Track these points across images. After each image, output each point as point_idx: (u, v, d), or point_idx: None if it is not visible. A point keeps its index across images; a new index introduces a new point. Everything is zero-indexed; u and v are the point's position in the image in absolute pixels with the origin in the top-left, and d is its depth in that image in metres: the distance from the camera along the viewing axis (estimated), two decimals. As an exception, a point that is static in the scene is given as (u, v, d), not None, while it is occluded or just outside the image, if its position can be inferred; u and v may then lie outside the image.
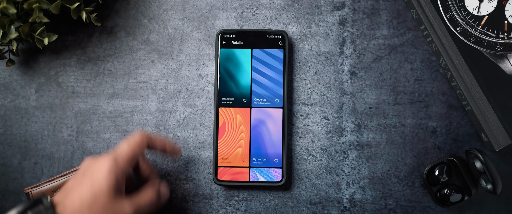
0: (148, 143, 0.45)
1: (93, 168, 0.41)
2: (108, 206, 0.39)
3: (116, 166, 0.41)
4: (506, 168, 0.53)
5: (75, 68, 0.55)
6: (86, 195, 0.39)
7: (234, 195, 0.53)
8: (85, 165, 0.43)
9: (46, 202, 0.39)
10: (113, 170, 0.41)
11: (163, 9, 0.55)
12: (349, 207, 0.53)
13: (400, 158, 0.53)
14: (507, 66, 0.51)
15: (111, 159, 0.41)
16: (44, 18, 0.49)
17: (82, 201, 0.39)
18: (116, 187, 0.40)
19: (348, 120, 0.54)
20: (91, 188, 0.40)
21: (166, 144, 0.47)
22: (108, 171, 0.40)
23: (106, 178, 0.40)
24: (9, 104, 0.55)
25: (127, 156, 0.43)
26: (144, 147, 0.45)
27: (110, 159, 0.41)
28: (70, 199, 0.39)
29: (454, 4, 0.52)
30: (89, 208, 0.39)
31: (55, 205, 0.40)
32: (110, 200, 0.39)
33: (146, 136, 0.45)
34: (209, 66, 0.55)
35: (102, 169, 0.40)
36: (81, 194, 0.39)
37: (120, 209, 0.40)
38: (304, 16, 0.55)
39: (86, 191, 0.39)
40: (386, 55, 0.54)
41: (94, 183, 0.40)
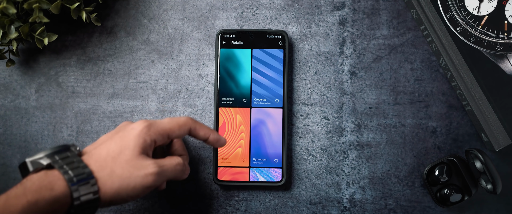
0: (191, 129, 0.46)
1: (126, 128, 0.43)
2: (131, 161, 0.41)
3: (147, 131, 0.42)
4: (506, 168, 0.53)
5: (75, 68, 0.55)
6: (113, 149, 0.41)
7: (234, 195, 0.53)
8: (121, 125, 0.45)
9: (74, 149, 0.41)
10: (144, 133, 0.42)
11: (163, 9, 0.55)
12: (349, 207, 0.53)
13: (400, 158, 0.53)
14: (507, 66, 0.51)
15: (145, 124, 0.43)
16: (44, 18, 0.49)
17: (108, 153, 0.41)
18: (142, 148, 0.42)
19: (348, 120, 0.54)
20: (120, 142, 0.41)
21: (210, 136, 0.47)
22: (138, 132, 0.42)
23: (135, 138, 0.42)
24: (9, 104, 0.55)
25: (162, 129, 0.43)
26: (185, 130, 0.45)
27: (144, 124, 0.43)
28: (98, 150, 0.41)
29: (454, 4, 0.52)
30: (113, 159, 0.40)
31: (82, 153, 0.42)
32: (134, 156, 0.41)
33: (192, 122, 0.46)
34: (209, 66, 0.55)
35: (134, 130, 0.42)
36: (108, 147, 0.41)
37: (143, 165, 0.41)
38: (304, 16, 0.55)
39: (114, 145, 0.41)
40: (386, 55, 0.54)
41: (123, 140, 0.42)
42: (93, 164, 0.40)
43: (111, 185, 0.40)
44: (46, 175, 0.38)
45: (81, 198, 0.38)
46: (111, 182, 0.40)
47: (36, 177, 0.38)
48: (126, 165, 0.40)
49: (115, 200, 0.40)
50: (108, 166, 0.40)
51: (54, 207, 0.37)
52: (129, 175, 0.40)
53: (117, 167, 0.40)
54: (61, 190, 0.37)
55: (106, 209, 0.53)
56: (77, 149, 0.42)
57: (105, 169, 0.40)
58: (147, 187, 0.41)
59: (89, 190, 0.38)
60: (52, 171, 0.38)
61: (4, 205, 0.35)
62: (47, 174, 0.38)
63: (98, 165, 0.40)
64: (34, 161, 0.39)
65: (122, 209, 0.53)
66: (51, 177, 0.38)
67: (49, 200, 0.37)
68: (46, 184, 0.37)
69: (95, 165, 0.40)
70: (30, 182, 0.37)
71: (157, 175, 0.41)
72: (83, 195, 0.38)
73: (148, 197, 0.53)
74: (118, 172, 0.40)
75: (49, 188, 0.37)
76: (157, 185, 0.42)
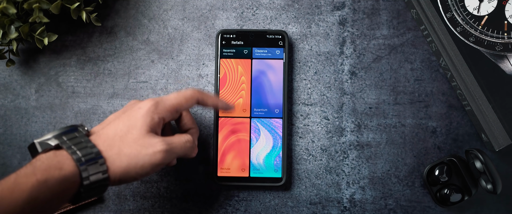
0: (198, 100, 0.46)
1: (134, 107, 0.43)
2: (139, 140, 0.41)
3: (155, 109, 0.42)
4: (506, 168, 0.53)
5: (75, 68, 0.55)
6: (121, 128, 0.41)
7: (234, 195, 0.53)
8: (128, 104, 0.45)
9: (81, 129, 0.41)
10: (151, 111, 0.42)
11: (163, 9, 0.55)
12: (349, 207, 0.53)
13: (400, 158, 0.53)
14: (507, 66, 0.51)
15: (152, 102, 0.43)
16: (44, 18, 0.49)
17: (116, 132, 0.41)
18: (150, 126, 0.42)
19: (348, 120, 0.54)
20: (127, 122, 0.41)
21: (219, 103, 0.48)
22: (146, 111, 0.42)
23: (143, 117, 0.42)
24: (9, 104, 0.55)
25: (169, 105, 0.44)
26: (192, 102, 0.45)
27: (151, 102, 0.43)
28: (105, 130, 0.41)
29: (454, 4, 0.52)
30: (121, 138, 0.41)
31: (90, 133, 0.42)
32: (141, 135, 0.41)
33: (198, 93, 0.46)
34: (209, 66, 0.55)
35: (142, 109, 0.42)
36: (116, 126, 0.41)
37: (151, 143, 0.41)
38: (304, 16, 0.55)
39: (121, 125, 0.41)
40: (386, 55, 0.54)
41: (130, 119, 0.42)
42: (101, 143, 0.40)
43: (120, 164, 0.40)
44: (55, 155, 0.38)
45: (90, 178, 0.38)
46: (120, 161, 0.40)
47: (45, 157, 0.38)
48: (134, 144, 0.40)
49: (124, 178, 0.41)
50: (116, 145, 0.40)
51: (64, 187, 0.37)
52: (137, 154, 0.40)
53: (125, 146, 0.40)
54: (70, 169, 0.38)
55: (107, 210, 0.53)
56: (85, 129, 0.42)
57: (113, 148, 0.40)
58: (156, 165, 0.41)
59: (98, 169, 0.39)
60: (60, 151, 0.39)
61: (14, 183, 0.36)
62: (55, 154, 0.38)
63: (106, 144, 0.40)
64: (43, 142, 0.40)
65: (122, 209, 0.53)
66: (60, 157, 0.38)
67: (59, 179, 0.37)
68: (55, 164, 0.37)
69: (103, 145, 0.40)
70: (39, 162, 0.37)
71: (166, 152, 0.41)
72: (92, 174, 0.38)
73: (148, 197, 0.53)
74: (126, 151, 0.40)
75: (58, 167, 0.37)
76: (166, 163, 0.43)
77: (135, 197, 0.53)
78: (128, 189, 0.54)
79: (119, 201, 0.53)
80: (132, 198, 0.53)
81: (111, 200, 0.54)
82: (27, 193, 0.35)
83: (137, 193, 0.53)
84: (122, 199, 0.53)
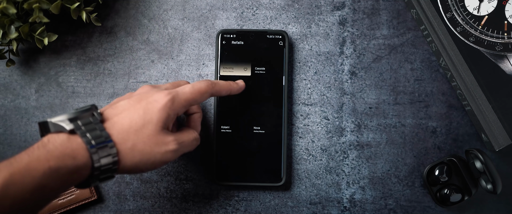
0: (212, 93, 0.46)
1: (150, 98, 0.42)
2: (153, 137, 0.41)
3: (171, 105, 0.42)
4: (506, 168, 0.53)
5: (75, 68, 0.55)
6: (136, 120, 0.41)
7: (234, 195, 0.53)
8: (143, 91, 0.44)
9: (97, 114, 0.41)
10: (168, 107, 0.42)
11: (163, 9, 0.55)
12: (349, 207, 0.53)
13: (400, 158, 0.53)
14: (507, 66, 0.51)
15: (169, 98, 0.42)
16: (44, 18, 0.49)
17: (131, 125, 0.40)
18: (165, 122, 0.42)
19: (348, 120, 0.54)
20: (143, 115, 0.41)
21: (232, 89, 0.48)
22: (162, 106, 0.41)
23: (159, 112, 0.41)
24: (9, 104, 0.55)
25: (185, 101, 0.43)
26: (206, 96, 0.45)
27: (168, 97, 0.42)
28: (120, 119, 0.41)
29: (454, 4, 0.52)
30: (135, 132, 0.40)
31: (104, 119, 0.41)
32: (156, 132, 0.41)
33: (211, 86, 0.46)
34: (209, 66, 0.55)
35: (158, 103, 0.42)
36: (132, 118, 0.41)
37: (164, 142, 0.41)
38: (304, 16, 0.55)
39: (137, 117, 0.41)
40: (386, 55, 0.54)
41: (146, 112, 0.41)
42: (115, 135, 0.40)
43: (132, 159, 0.40)
44: (69, 141, 0.38)
45: (101, 168, 0.38)
46: (132, 156, 0.40)
47: (59, 141, 0.37)
48: (148, 141, 0.40)
49: (132, 170, 0.41)
50: (131, 139, 0.40)
51: (74, 176, 0.37)
52: (150, 151, 0.41)
53: (139, 141, 0.40)
54: (84, 160, 0.37)
55: (107, 210, 0.53)
56: (98, 112, 0.41)
57: (127, 142, 0.40)
58: (165, 162, 0.42)
59: (109, 160, 0.39)
60: (75, 137, 0.38)
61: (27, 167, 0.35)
62: (70, 140, 0.38)
63: (121, 137, 0.40)
64: (57, 124, 0.39)
65: (122, 209, 0.53)
66: (75, 145, 0.37)
67: (71, 168, 0.37)
68: (69, 152, 0.37)
69: (118, 137, 0.40)
70: (53, 146, 0.37)
71: (176, 151, 0.42)
72: (103, 165, 0.38)
73: (148, 197, 0.53)
74: (139, 147, 0.40)
75: (72, 156, 0.37)
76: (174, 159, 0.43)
77: (135, 197, 0.53)
78: (128, 189, 0.54)
79: (119, 201, 0.53)
80: (132, 198, 0.53)
81: (111, 200, 0.54)
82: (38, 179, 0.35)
83: (137, 193, 0.53)
84: (122, 199, 0.53)
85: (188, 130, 0.46)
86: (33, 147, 0.37)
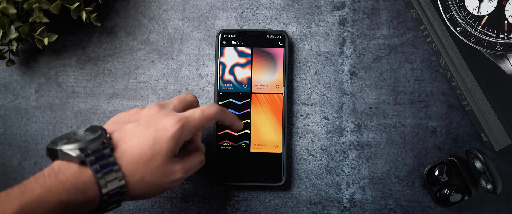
0: (218, 120, 0.46)
1: (160, 124, 0.41)
2: (162, 168, 0.40)
3: (181, 134, 0.41)
4: (506, 168, 0.53)
5: (75, 68, 0.55)
6: (146, 152, 0.40)
7: (234, 195, 0.53)
8: (152, 114, 0.42)
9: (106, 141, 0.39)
10: (177, 137, 0.41)
11: (163, 9, 0.55)
12: (349, 207, 0.53)
13: (400, 158, 0.53)
14: (507, 66, 0.51)
15: (179, 126, 0.41)
16: (44, 18, 0.49)
17: (140, 156, 0.40)
18: (173, 152, 0.41)
19: (348, 120, 0.54)
20: (153, 145, 0.40)
21: (234, 123, 0.48)
22: (172, 136, 0.41)
23: (168, 142, 0.40)
24: (9, 104, 0.55)
25: (194, 127, 0.43)
26: (213, 122, 0.45)
27: (178, 125, 0.41)
28: (129, 147, 0.40)
29: (454, 4, 0.52)
30: (144, 163, 0.40)
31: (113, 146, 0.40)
32: (165, 163, 0.41)
33: (220, 113, 0.45)
34: (209, 66, 0.55)
35: (168, 131, 0.41)
36: (141, 148, 0.40)
37: (172, 172, 0.41)
38: (304, 16, 0.55)
39: (146, 148, 0.40)
40: (386, 55, 0.54)
41: (156, 142, 0.40)
42: (125, 166, 0.39)
43: (140, 190, 0.40)
44: (80, 173, 0.37)
45: (109, 201, 0.38)
46: (140, 187, 0.40)
47: (70, 172, 0.37)
48: (156, 172, 0.40)
49: (138, 198, 0.41)
50: (140, 171, 0.40)
51: (82, 208, 0.37)
52: (158, 182, 0.41)
53: (148, 173, 0.40)
54: (94, 194, 0.37)
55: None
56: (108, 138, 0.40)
57: (136, 175, 0.39)
58: (171, 188, 0.43)
59: (117, 192, 0.38)
60: (86, 169, 0.37)
61: (39, 199, 0.35)
62: (81, 172, 0.37)
63: (130, 169, 0.39)
64: (66, 154, 0.38)
65: (122, 209, 0.53)
66: (86, 178, 0.37)
67: (80, 202, 0.37)
68: (80, 186, 0.37)
69: (127, 168, 0.39)
70: (64, 177, 0.36)
71: (182, 179, 0.43)
72: (111, 197, 0.38)
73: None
74: (148, 179, 0.40)
75: (83, 190, 0.37)
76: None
77: (135, 197, 0.53)
78: (128, 189, 0.54)
79: (119, 201, 0.53)
80: (132, 198, 0.53)
81: (111, 200, 0.54)
82: (48, 212, 0.35)
83: (137, 193, 0.54)
84: (122, 199, 0.53)
85: (194, 153, 0.45)
86: (43, 174, 0.36)
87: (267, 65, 0.53)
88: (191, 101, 0.47)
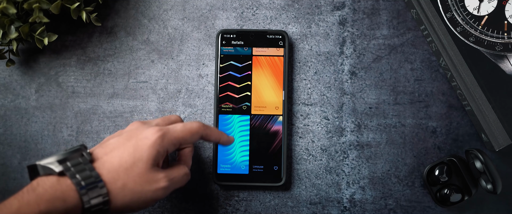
0: (202, 135, 0.46)
1: (139, 135, 0.42)
2: (144, 175, 0.40)
3: (161, 142, 0.42)
4: (506, 168, 0.53)
5: (75, 68, 0.55)
6: (126, 159, 0.40)
7: (234, 195, 0.53)
8: (133, 128, 0.44)
9: (86, 154, 0.40)
10: (157, 144, 0.41)
11: (163, 9, 0.55)
12: (349, 207, 0.53)
13: (400, 158, 0.53)
14: (507, 66, 0.51)
15: (159, 135, 0.42)
16: (44, 18, 0.49)
17: (121, 163, 0.40)
18: (155, 159, 0.41)
19: (348, 120, 0.54)
20: (133, 153, 0.41)
21: (221, 138, 0.49)
22: (152, 143, 0.41)
23: (149, 149, 0.41)
24: (9, 104, 0.55)
25: (175, 139, 0.43)
26: (196, 138, 0.45)
27: (158, 134, 0.42)
28: (110, 158, 0.40)
29: (454, 4, 0.52)
30: (125, 170, 0.40)
31: (93, 159, 0.41)
32: (146, 170, 0.41)
33: (203, 128, 0.45)
34: (209, 66, 0.55)
35: (148, 139, 0.41)
36: (121, 156, 0.40)
37: (155, 179, 0.41)
38: (304, 16, 0.55)
39: (127, 155, 0.40)
40: (386, 55, 0.54)
41: (136, 150, 0.41)
42: (105, 174, 0.39)
43: (123, 198, 0.40)
44: (58, 183, 0.37)
45: (92, 209, 0.38)
46: (123, 196, 0.40)
47: (49, 184, 0.37)
48: (138, 179, 0.40)
49: (124, 210, 0.41)
50: (121, 178, 0.40)
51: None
52: (141, 190, 0.40)
53: (129, 180, 0.40)
54: (74, 202, 0.37)
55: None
56: (88, 152, 0.41)
57: (117, 181, 0.39)
58: (156, 200, 0.42)
59: (100, 201, 0.38)
60: (64, 179, 0.38)
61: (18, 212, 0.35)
62: (59, 182, 0.37)
63: (111, 176, 0.39)
64: (46, 167, 0.39)
65: (122, 209, 0.53)
66: (64, 187, 0.37)
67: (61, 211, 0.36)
68: (59, 195, 0.37)
69: (108, 176, 0.39)
70: (42, 189, 0.37)
71: (167, 189, 0.42)
72: (94, 206, 0.38)
73: (148, 197, 0.53)
74: (130, 186, 0.40)
75: (62, 199, 0.37)
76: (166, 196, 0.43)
77: (135, 197, 0.53)
78: (128, 189, 0.54)
79: (119, 201, 0.53)
80: (132, 198, 0.53)
81: (111, 200, 0.53)
82: None
83: (137, 193, 0.53)
84: (122, 199, 0.53)
85: (179, 166, 0.45)
86: (22, 191, 0.37)
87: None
88: (174, 120, 0.47)
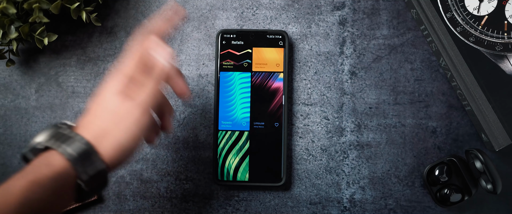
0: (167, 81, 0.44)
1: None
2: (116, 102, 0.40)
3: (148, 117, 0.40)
4: (506, 168, 0.53)
5: (75, 68, 0.55)
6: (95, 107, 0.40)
7: (234, 195, 0.53)
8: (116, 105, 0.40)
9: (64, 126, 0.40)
10: (118, 69, 0.41)
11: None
12: (349, 207, 0.53)
13: (400, 158, 0.53)
14: (507, 66, 0.51)
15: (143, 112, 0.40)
16: (44, 18, 0.49)
17: (91, 111, 0.40)
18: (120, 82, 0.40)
19: (348, 120, 0.54)
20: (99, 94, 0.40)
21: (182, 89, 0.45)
22: (114, 71, 0.41)
23: (112, 78, 0.41)
24: (9, 104, 0.55)
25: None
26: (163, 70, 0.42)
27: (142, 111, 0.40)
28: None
29: (454, 4, 0.52)
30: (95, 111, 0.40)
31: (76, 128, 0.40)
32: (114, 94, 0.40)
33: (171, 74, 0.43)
34: (209, 66, 0.55)
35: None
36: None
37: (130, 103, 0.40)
38: (304, 16, 0.55)
39: (95, 101, 0.40)
40: (386, 55, 0.54)
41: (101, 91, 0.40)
42: (80, 128, 0.39)
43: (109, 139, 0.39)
44: (43, 155, 0.38)
45: (88, 171, 0.37)
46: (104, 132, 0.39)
47: (33, 158, 0.38)
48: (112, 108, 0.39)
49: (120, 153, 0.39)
50: (96, 120, 0.39)
51: (58, 183, 0.37)
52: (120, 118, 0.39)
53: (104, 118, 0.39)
54: (60, 164, 0.37)
55: (107, 210, 0.53)
56: (68, 124, 0.40)
57: (91, 126, 0.39)
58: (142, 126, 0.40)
59: (82, 147, 0.38)
60: (49, 151, 0.38)
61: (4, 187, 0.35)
62: (45, 155, 0.38)
63: (84, 126, 0.39)
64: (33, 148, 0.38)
65: (122, 209, 0.53)
66: (48, 154, 0.37)
67: (50, 176, 0.36)
68: (43, 162, 0.37)
69: (82, 128, 0.39)
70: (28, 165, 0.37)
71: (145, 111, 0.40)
72: (80, 155, 0.37)
73: (148, 197, 0.53)
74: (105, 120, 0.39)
75: (45, 164, 0.37)
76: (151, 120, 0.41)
77: (135, 197, 0.53)
78: (128, 189, 0.54)
79: (119, 201, 0.53)
80: (132, 198, 0.53)
81: (111, 200, 0.54)
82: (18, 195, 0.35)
83: (137, 193, 0.53)
84: (122, 199, 0.53)
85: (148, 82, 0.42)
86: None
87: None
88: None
